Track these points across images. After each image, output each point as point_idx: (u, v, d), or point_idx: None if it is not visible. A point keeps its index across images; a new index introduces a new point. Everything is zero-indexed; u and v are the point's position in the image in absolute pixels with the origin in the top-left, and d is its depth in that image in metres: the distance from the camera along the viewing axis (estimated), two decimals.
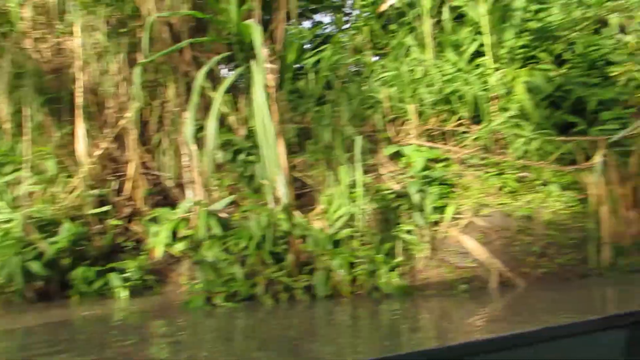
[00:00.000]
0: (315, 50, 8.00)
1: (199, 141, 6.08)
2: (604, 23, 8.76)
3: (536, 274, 6.13)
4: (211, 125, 5.36)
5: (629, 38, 8.73)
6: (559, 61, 8.19)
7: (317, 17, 9.50)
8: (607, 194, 6.52)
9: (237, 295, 5.65)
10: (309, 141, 7.21)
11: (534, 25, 8.40)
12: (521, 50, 8.28)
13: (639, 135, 6.88)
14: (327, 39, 8.82)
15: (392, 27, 9.24)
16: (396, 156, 7.28)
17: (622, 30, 8.83)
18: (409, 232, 6.20)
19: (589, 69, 7.86)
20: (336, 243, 6.05)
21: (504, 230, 6.45)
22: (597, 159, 6.64)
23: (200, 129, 6.06)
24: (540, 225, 6.56)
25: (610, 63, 8.21)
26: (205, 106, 6.34)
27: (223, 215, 6.47)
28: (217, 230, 5.96)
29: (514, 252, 6.24)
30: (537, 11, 8.56)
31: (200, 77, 5.80)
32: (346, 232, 6.14)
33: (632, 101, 8.06)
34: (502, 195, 6.91)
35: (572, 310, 5.26)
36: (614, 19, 8.76)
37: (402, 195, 6.61)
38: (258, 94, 5.33)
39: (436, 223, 6.40)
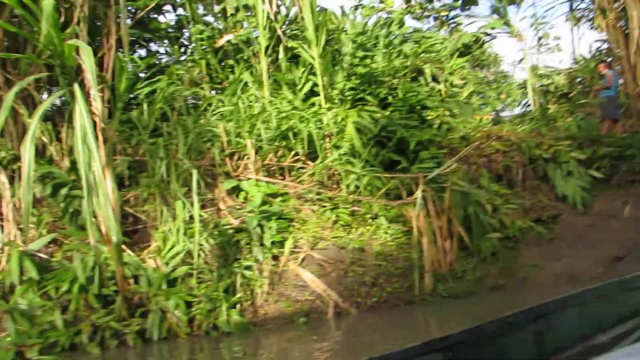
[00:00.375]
0: (150, 81, 7.89)
1: (14, 172, 5.55)
2: (420, 72, 10.17)
3: (369, 303, 6.72)
4: (26, 154, 4.95)
5: (441, 86, 10.26)
6: (384, 104, 9.26)
7: (153, 46, 9.43)
8: (427, 226, 7.43)
9: (57, 346, 5.17)
10: (143, 174, 7.02)
11: (361, 70, 9.42)
12: (350, 92, 9.22)
13: (452, 173, 8.05)
14: (162, 69, 8.77)
15: (230, 62, 9.57)
16: (235, 191, 7.46)
17: (435, 79, 10.34)
18: (248, 267, 6.37)
19: (409, 113, 9.01)
20: (172, 282, 5.95)
21: (338, 262, 6.98)
22: (418, 194, 7.55)
23: (15, 158, 5.54)
24: (371, 257, 7.24)
25: (425, 108, 9.52)
26: (22, 134, 5.81)
27: (41, 255, 5.92)
28: (33, 273, 5.44)
29: (348, 283, 6.77)
30: (363, 57, 9.64)
31: (9, 98, 5.29)
32: (183, 269, 6.08)
33: (444, 143, 9.44)
34: (337, 228, 7.48)
35: (400, 336, 5.88)
36: (427, 69, 10.22)
37: (241, 230, 6.79)
38: (80, 122, 5.07)
39: (275, 257, 6.67)
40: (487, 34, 12.62)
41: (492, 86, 14.69)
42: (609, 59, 12.10)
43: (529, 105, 13.76)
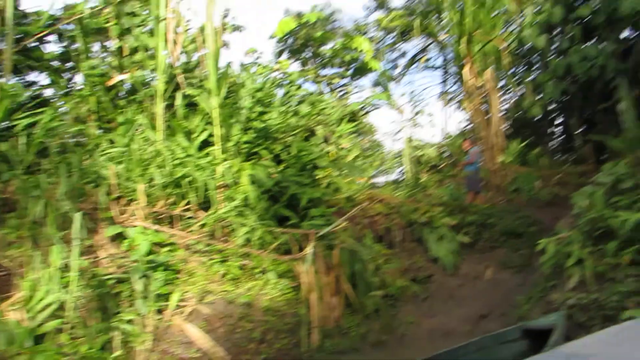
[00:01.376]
0: (30, 113, 7.09)
1: None
2: (312, 132, 10.39)
3: None
4: None
5: (331, 148, 10.53)
6: (278, 160, 9.23)
7: (36, 76, 8.56)
8: (316, 282, 7.34)
9: None
10: (12, 214, 6.15)
11: (257, 124, 9.39)
12: (246, 145, 9.10)
13: (340, 232, 8.13)
14: (45, 102, 7.96)
15: (122, 102, 9.00)
16: (118, 238, 6.80)
17: (326, 140, 10.62)
18: (129, 321, 5.74)
19: (301, 170, 9.08)
20: (39, 338, 5.12)
21: (227, 317, 6.59)
22: (308, 250, 7.48)
23: None
24: (260, 312, 6.93)
25: (316, 167, 9.66)
26: None
27: None
28: None
29: (237, 339, 6.39)
30: (260, 113, 9.64)
31: None
32: (53, 323, 5.30)
33: (332, 202, 9.59)
34: (226, 282, 7.11)
35: None
36: (320, 131, 10.48)
37: (124, 280, 6.14)
38: None
39: (160, 311, 6.11)
40: (372, 105, 13.38)
41: (368, 153, 15.49)
42: (473, 138, 13.35)
43: (404, 173, 14.64)
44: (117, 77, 9.06)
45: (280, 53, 13.54)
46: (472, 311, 8.60)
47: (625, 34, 11.89)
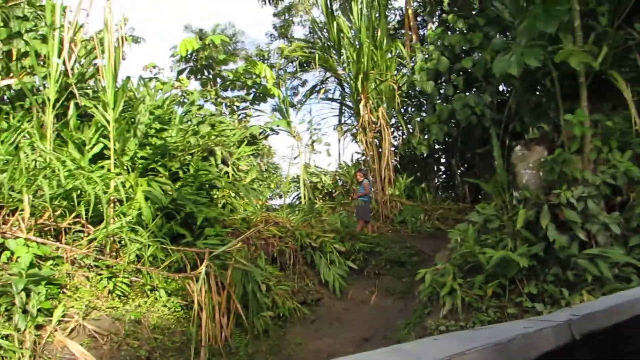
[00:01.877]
0: None
1: None
2: (211, 153, 10.54)
3: None
4: None
5: (229, 169, 10.75)
6: (175, 178, 9.25)
7: None
8: (207, 301, 7.45)
9: None
10: None
11: (155, 141, 9.36)
12: (142, 161, 9.04)
13: (235, 252, 8.32)
14: None
15: (6, 108, 8.58)
16: None
17: (224, 162, 10.81)
18: (6, 337, 5.47)
19: (198, 189, 9.17)
20: None
21: (112, 334, 6.47)
22: (202, 269, 7.59)
23: None
24: (148, 330, 6.88)
25: (214, 187, 9.82)
26: None
27: None
28: None
29: (122, 356, 6.30)
30: (159, 130, 9.63)
31: None
32: None
33: (227, 222, 9.77)
34: (113, 298, 6.99)
35: None
36: (218, 151, 10.67)
37: (1, 294, 5.83)
38: None
39: (40, 327, 5.87)
40: (272, 129, 13.82)
41: (264, 175, 15.88)
42: (365, 170, 14.27)
43: (299, 198, 15.16)
44: (2, 82, 8.64)
45: (181, 71, 13.59)
46: (357, 334, 9.16)
47: (502, 87, 13.57)
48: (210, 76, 13.71)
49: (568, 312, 1.37)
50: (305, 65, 16.82)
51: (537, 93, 7.92)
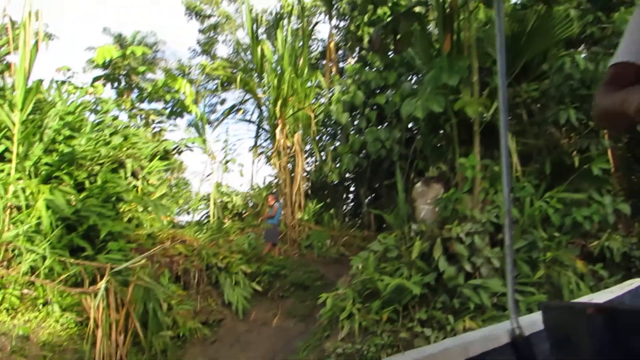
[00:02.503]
0: None
1: None
2: (121, 165, 10.32)
3: None
4: None
5: (138, 183, 10.57)
6: (80, 187, 8.99)
7: None
8: (105, 318, 7.29)
9: None
10: None
11: (63, 147, 9.07)
12: (46, 168, 8.70)
13: (138, 268, 8.21)
14: None
15: None
16: None
17: (134, 175, 10.62)
18: None
19: (104, 201, 8.95)
20: None
21: None
22: (102, 284, 7.42)
23: None
24: (37, 346, 6.62)
25: (121, 200, 9.62)
26: None
27: None
28: None
29: None
30: (68, 136, 9.33)
31: None
32: None
33: (132, 237, 9.59)
34: (1, 312, 6.65)
35: None
36: (129, 164, 10.47)
37: None
38: None
39: None
40: (186, 146, 13.75)
41: (175, 191, 15.67)
42: (277, 193, 14.54)
43: (208, 216, 15.10)
44: None
45: (97, 78, 13.16)
46: (256, 356, 9.28)
47: (411, 124, 14.50)
48: (127, 86, 13.42)
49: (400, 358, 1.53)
50: (225, 84, 16.94)
51: (439, 135, 8.69)
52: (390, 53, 14.04)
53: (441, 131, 8.59)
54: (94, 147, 9.65)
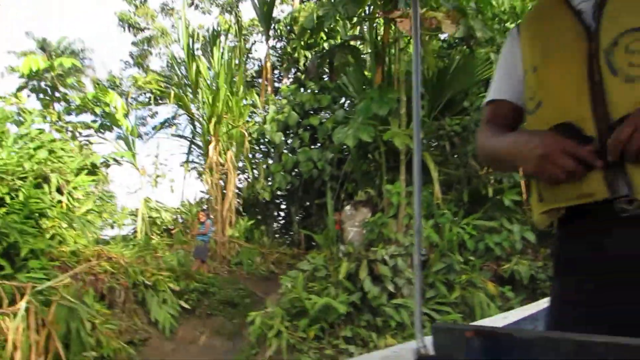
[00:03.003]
0: None
1: None
2: (46, 179, 10.00)
3: None
4: None
5: (63, 198, 10.27)
6: (0, 203, 8.64)
7: None
8: (24, 340, 7.06)
9: None
10: None
11: None
12: None
13: (61, 287, 8.00)
14: None
15: None
16: None
17: (59, 190, 10.31)
18: None
19: (26, 218, 8.65)
20: None
21: None
22: (22, 305, 7.20)
23: None
24: None
25: (44, 216, 9.33)
26: None
27: None
28: None
29: None
30: None
31: None
32: None
33: (56, 255, 9.31)
34: None
35: None
36: (54, 178, 10.16)
37: None
38: None
39: None
40: (115, 160, 13.46)
41: (101, 207, 15.20)
42: (208, 210, 14.51)
43: (135, 231, 14.78)
44: None
45: (21, 88, 12.63)
46: None
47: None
48: (52, 97, 12.98)
49: None
50: (158, 98, 16.74)
51: (368, 161, 9.16)
52: (325, 78, 14.51)
53: (371, 157, 9.06)
54: (17, 160, 9.32)
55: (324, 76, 15.46)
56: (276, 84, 19.11)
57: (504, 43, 1.50)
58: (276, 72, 19.31)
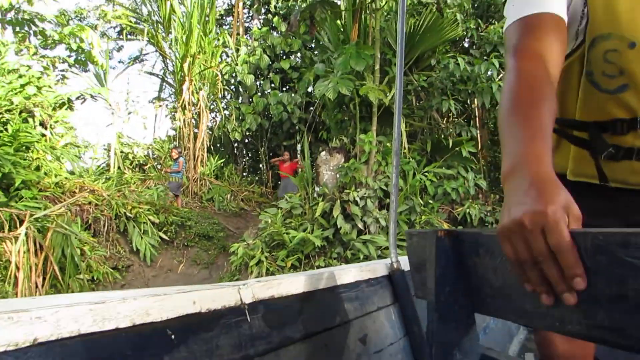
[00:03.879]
0: None
1: None
2: (31, 114, 10.28)
3: None
4: None
5: (46, 132, 10.60)
6: None
7: None
8: (26, 262, 7.71)
9: None
10: None
11: None
12: None
13: (55, 216, 8.58)
14: None
15: None
16: None
17: (42, 124, 10.62)
18: None
19: (17, 151, 9.03)
20: None
21: None
22: (22, 230, 7.79)
23: None
24: None
25: (29, 149, 9.71)
26: None
27: None
28: None
29: None
30: None
31: None
32: None
33: (43, 186, 9.77)
34: None
35: None
36: (37, 113, 10.44)
37: None
38: None
39: None
40: (91, 95, 13.61)
41: (79, 142, 15.36)
42: (180, 148, 14.99)
43: (107, 166, 15.13)
44: None
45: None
46: None
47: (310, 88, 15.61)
48: (31, 31, 12.82)
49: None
50: (128, 34, 16.64)
51: (343, 111, 9.91)
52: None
53: (345, 108, 9.81)
54: (6, 95, 9.55)
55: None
56: (246, 24, 19.21)
57: None
58: (246, 11, 19.36)
